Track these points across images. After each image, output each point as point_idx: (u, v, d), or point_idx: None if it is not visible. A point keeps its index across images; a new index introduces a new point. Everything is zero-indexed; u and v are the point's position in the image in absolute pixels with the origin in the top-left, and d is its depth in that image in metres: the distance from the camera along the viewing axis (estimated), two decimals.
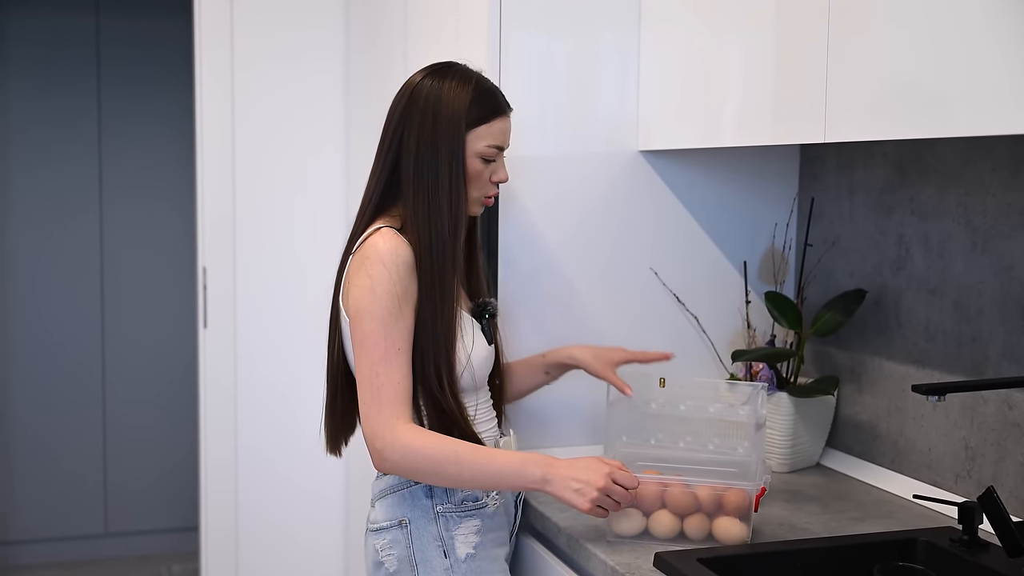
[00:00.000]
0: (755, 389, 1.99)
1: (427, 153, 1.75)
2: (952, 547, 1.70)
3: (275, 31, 3.26)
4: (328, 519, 3.39)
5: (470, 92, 1.77)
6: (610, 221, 2.25)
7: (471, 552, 1.78)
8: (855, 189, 2.22)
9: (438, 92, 1.76)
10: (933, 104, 1.48)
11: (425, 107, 1.76)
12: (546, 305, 2.21)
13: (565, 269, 2.23)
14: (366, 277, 1.70)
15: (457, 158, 1.75)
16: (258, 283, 3.29)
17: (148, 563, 4.56)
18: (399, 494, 1.80)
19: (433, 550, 1.77)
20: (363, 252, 1.73)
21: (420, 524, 1.78)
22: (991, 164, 1.89)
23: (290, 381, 3.34)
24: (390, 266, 1.70)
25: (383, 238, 1.72)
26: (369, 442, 1.70)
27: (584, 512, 1.68)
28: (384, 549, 1.80)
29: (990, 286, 1.89)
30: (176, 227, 4.60)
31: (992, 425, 1.88)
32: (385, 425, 1.68)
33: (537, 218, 2.19)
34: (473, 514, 1.80)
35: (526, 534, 2.00)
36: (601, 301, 2.25)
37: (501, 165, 1.83)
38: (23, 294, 4.50)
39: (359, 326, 1.70)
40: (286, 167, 3.30)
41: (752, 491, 1.73)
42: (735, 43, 1.99)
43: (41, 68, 4.46)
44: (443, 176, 1.75)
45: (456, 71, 1.80)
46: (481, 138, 1.77)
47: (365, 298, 1.70)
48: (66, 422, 4.55)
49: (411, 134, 1.76)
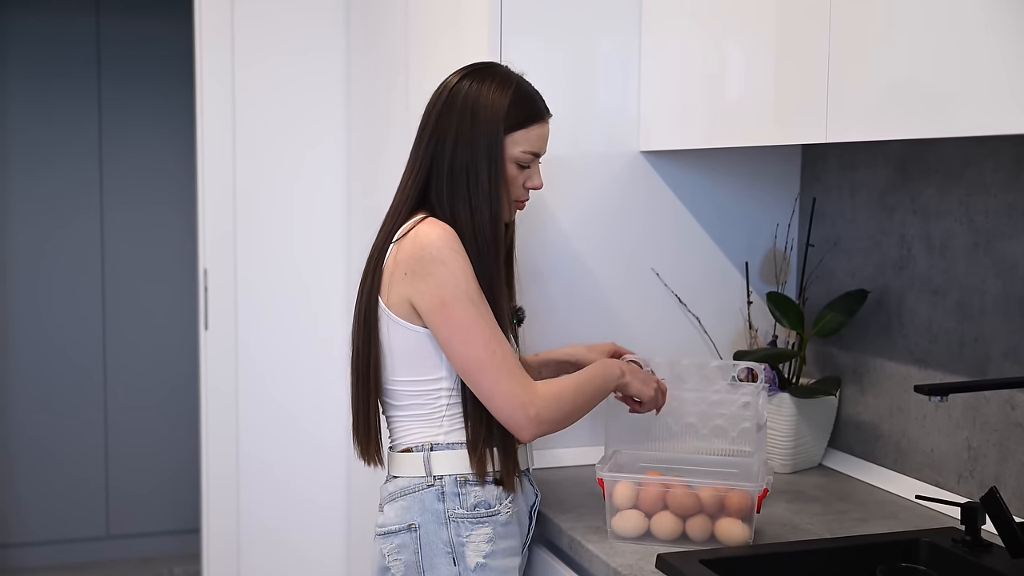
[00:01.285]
0: (756, 390, 1.98)
1: (465, 154, 1.73)
2: (955, 548, 1.70)
3: (276, 32, 3.26)
4: (329, 520, 3.39)
5: (510, 95, 1.75)
6: (611, 222, 2.25)
7: (481, 561, 1.74)
8: (857, 189, 2.22)
9: (477, 93, 1.74)
10: (935, 104, 1.47)
11: (464, 108, 1.74)
12: (546, 306, 2.20)
13: (565, 269, 2.22)
14: (439, 264, 1.67)
15: (495, 161, 1.73)
16: (259, 285, 3.29)
17: (150, 565, 4.56)
18: (411, 497, 1.76)
19: (442, 556, 1.74)
20: (417, 242, 1.69)
21: (430, 529, 1.75)
22: (993, 164, 1.88)
23: (292, 383, 3.34)
24: (458, 249, 1.68)
25: (434, 226, 1.70)
26: (519, 413, 1.67)
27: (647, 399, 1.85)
28: (391, 554, 1.77)
29: (992, 286, 1.89)
30: (177, 229, 4.60)
31: (995, 425, 1.88)
32: (526, 391, 1.68)
33: (538, 219, 2.18)
34: (485, 521, 1.76)
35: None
36: (602, 302, 2.25)
37: (536, 171, 1.81)
38: (24, 296, 4.50)
39: (451, 313, 1.67)
40: (287, 168, 3.30)
41: (754, 492, 1.73)
42: (736, 43, 1.98)
43: (41, 69, 4.46)
44: (481, 180, 1.73)
45: (497, 72, 1.78)
46: (518, 143, 1.76)
47: (448, 285, 1.67)
48: (67, 424, 4.55)
49: (449, 135, 1.74)
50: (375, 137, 3.01)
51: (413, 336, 1.73)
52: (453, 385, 1.75)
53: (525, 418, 1.68)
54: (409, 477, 1.77)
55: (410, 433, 1.78)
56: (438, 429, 1.77)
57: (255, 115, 3.25)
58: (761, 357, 2.16)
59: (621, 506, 1.78)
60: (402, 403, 1.78)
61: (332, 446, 3.36)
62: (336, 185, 3.34)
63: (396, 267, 1.72)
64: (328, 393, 3.34)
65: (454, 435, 1.76)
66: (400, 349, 1.75)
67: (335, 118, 3.32)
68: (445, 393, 1.76)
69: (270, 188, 3.29)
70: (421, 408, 1.77)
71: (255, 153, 3.26)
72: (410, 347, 1.74)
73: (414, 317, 1.73)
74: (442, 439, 1.76)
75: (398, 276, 1.71)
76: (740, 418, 1.99)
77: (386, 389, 1.79)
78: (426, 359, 1.75)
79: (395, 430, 1.82)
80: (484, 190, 1.73)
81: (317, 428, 3.36)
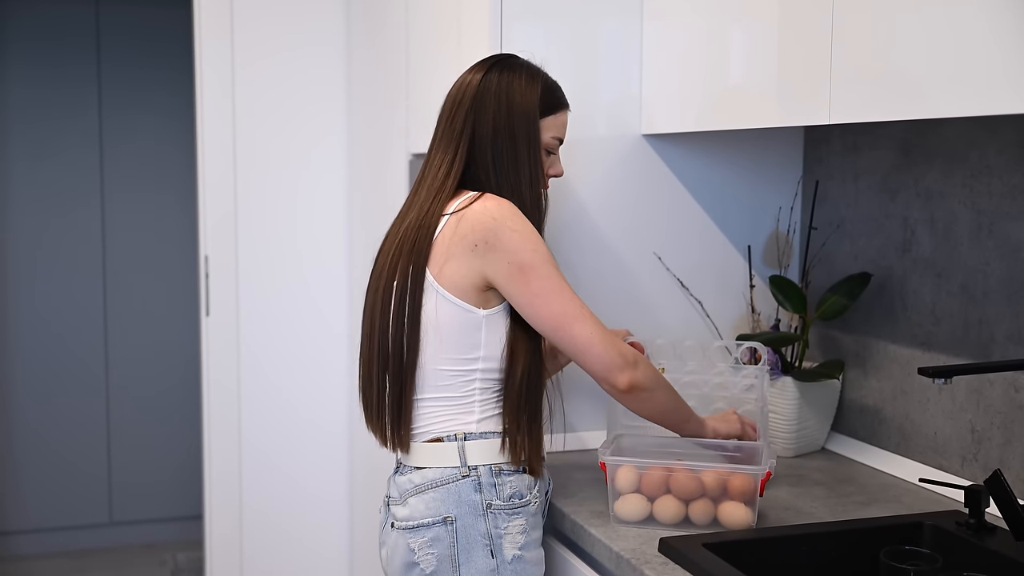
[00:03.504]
0: (760, 373, 1.98)
1: (506, 142, 1.76)
2: (959, 531, 1.69)
3: (277, 19, 3.25)
4: (331, 505, 3.40)
5: (540, 83, 1.80)
6: (613, 205, 2.24)
7: (517, 553, 1.72)
8: (860, 172, 2.21)
9: (509, 83, 1.78)
10: (939, 85, 1.46)
11: (498, 97, 1.77)
12: None
13: (568, 253, 2.21)
14: (513, 232, 1.68)
15: (533, 146, 1.77)
16: (260, 271, 3.29)
17: (153, 552, 4.56)
18: (444, 488, 1.72)
19: (480, 549, 1.71)
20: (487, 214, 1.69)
21: (468, 521, 1.71)
22: (997, 146, 1.87)
23: (293, 369, 3.34)
24: (524, 219, 1.71)
25: (499, 200, 1.72)
26: (619, 358, 1.69)
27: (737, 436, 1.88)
28: (422, 548, 1.72)
29: (996, 268, 1.88)
30: (177, 217, 4.60)
31: (999, 408, 1.87)
32: (619, 341, 1.72)
33: None
34: (519, 512, 1.74)
35: None
36: (604, 286, 2.24)
37: (558, 159, 1.86)
38: (25, 285, 4.49)
39: (531, 278, 1.68)
40: (287, 154, 3.29)
41: (757, 476, 1.72)
42: (739, 24, 1.97)
43: (41, 59, 4.45)
44: (522, 163, 1.76)
45: (522, 63, 1.83)
46: (548, 129, 1.81)
47: (524, 250, 1.68)
48: (70, 411, 4.56)
49: (485, 125, 1.76)
50: (376, 123, 3.00)
51: (462, 315, 1.71)
52: (487, 367, 1.73)
53: (625, 361, 1.69)
54: (440, 468, 1.73)
55: (439, 421, 1.75)
56: (470, 417, 1.74)
57: (256, 100, 3.24)
58: (764, 341, 2.16)
59: (624, 490, 1.78)
60: (433, 387, 1.74)
61: (334, 432, 3.36)
62: (337, 171, 3.33)
63: (460, 240, 1.70)
64: (329, 379, 3.35)
65: (485, 424, 1.75)
66: (446, 327, 1.71)
67: (336, 104, 3.31)
68: (480, 376, 1.74)
69: (271, 174, 3.28)
70: (453, 392, 1.74)
71: (256, 139, 3.25)
72: (456, 325, 1.71)
73: (469, 295, 1.70)
74: (475, 428, 1.74)
75: (463, 249, 1.70)
76: (742, 400, 1.99)
77: (417, 371, 1.74)
78: (468, 338, 1.72)
79: (421, 418, 1.76)
80: (526, 175, 1.76)
81: (319, 414, 3.36)
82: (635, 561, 1.62)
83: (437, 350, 1.73)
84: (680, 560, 1.59)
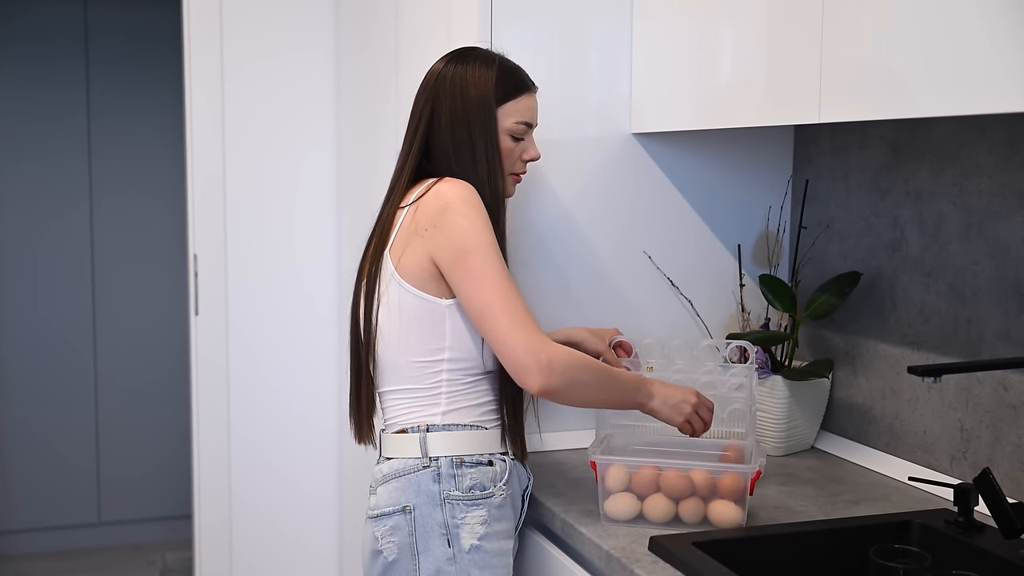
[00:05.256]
0: (748, 371, 1.98)
1: (461, 133, 1.77)
2: (948, 529, 1.70)
3: (265, 20, 3.24)
4: (321, 505, 3.39)
5: (495, 71, 1.80)
6: (603, 204, 2.24)
7: (475, 543, 1.74)
8: (850, 171, 2.21)
9: (463, 73, 1.79)
10: (929, 84, 1.46)
11: (452, 89, 1.78)
12: (538, 289, 2.19)
13: (557, 253, 2.21)
14: (459, 216, 1.68)
15: (490, 136, 1.78)
16: (249, 269, 3.28)
17: (142, 552, 4.55)
18: (405, 479, 1.75)
19: (436, 538, 1.73)
20: (440, 196, 1.70)
21: (425, 510, 1.74)
22: (986, 145, 1.88)
23: (283, 367, 3.33)
24: (477, 204, 1.70)
25: (455, 183, 1.71)
26: (530, 358, 1.63)
27: (677, 426, 1.77)
28: (384, 536, 1.76)
29: (985, 267, 1.88)
30: (166, 217, 4.59)
31: (987, 406, 1.88)
32: (540, 340, 1.65)
33: (529, 202, 2.17)
34: (480, 504, 1.75)
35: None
36: (594, 285, 2.24)
37: (531, 143, 1.85)
38: (14, 284, 4.48)
39: (469, 262, 1.67)
40: (276, 155, 3.28)
41: (747, 475, 1.72)
42: (729, 22, 1.97)
43: (29, 59, 4.43)
44: (479, 155, 1.77)
45: (478, 53, 1.83)
46: (509, 115, 1.80)
47: (467, 234, 1.67)
48: (59, 411, 4.54)
49: (442, 116, 1.78)
50: (365, 119, 2.99)
51: (425, 306, 1.73)
52: (454, 357, 1.75)
53: (536, 364, 1.63)
54: (404, 459, 1.76)
55: (405, 413, 1.78)
56: (435, 409, 1.76)
57: (244, 102, 3.23)
58: (754, 340, 2.16)
59: (614, 489, 1.78)
60: (401, 379, 1.78)
61: (324, 430, 3.35)
62: (326, 169, 3.33)
63: (415, 226, 1.72)
64: (319, 377, 3.34)
65: (452, 416, 1.76)
66: (409, 320, 1.74)
67: (325, 99, 3.30)
68: (447, 368, 1.75)
69: (259, 175, 3.27)
70: (419, 384, 1.76)
71: (244, 140, 3.24)
72: (420, 317, 1.73)
73: (427, 284, 1.72)
74: (439, 420, 1.76)
75: (418, 234, 1.71)
76: (731, 399, 1.99)
77: (384, 364, 1.79)
78: (433, 330, 1.74)
79: (390, 410, 1.82)
80: (483, 165, 1.77)
81: (309, 412, 3.36)
82: (625, 560, 1.62)
83: (403, 343, 1.76)
84: (670, 559, 1.59)
